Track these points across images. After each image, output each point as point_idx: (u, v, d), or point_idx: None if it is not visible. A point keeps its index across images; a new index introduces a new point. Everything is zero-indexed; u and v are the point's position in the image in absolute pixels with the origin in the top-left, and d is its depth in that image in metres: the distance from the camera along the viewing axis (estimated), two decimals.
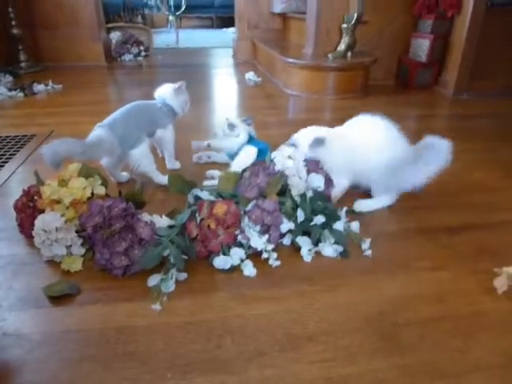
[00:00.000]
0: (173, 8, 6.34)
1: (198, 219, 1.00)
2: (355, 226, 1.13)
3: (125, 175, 1.38)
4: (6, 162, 1.56)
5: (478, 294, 0.91)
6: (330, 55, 2.62)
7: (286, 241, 1.07)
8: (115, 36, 3.90)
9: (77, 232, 0.98)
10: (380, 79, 2.92)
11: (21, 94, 2.54)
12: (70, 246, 0.97)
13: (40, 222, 0.97)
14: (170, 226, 1.01)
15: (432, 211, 1.25)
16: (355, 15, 2.51)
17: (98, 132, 1.20)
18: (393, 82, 3.01)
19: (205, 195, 1.05)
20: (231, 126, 1.43)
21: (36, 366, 0.72)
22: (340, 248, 1.04)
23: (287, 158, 1.14)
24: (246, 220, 1.01)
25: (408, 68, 2.86)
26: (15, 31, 3.21)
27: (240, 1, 3.72)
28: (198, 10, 7.57)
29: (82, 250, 0.99)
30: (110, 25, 4.02)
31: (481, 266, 0.99)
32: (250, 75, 3.09)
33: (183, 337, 0.79)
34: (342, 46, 2.61)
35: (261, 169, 1.11)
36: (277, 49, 3.07)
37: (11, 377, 0.71)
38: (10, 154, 1.64)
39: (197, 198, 1.07)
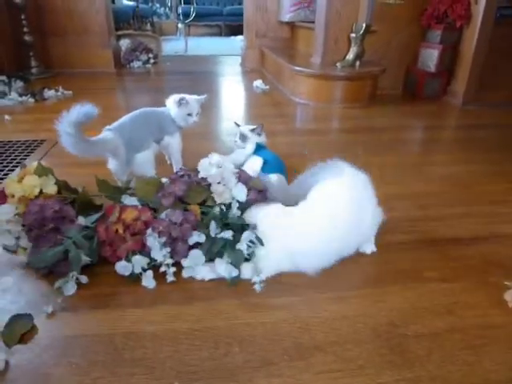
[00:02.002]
0: (182, 16, 6.40)
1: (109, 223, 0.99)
2: (263, 252, 0.99)
3: (132, 181, 1.38)
4: (17, 167, 1.57)
5: (487, 307, 0.90)
6: (338, 64, 2.63)
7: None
8: (125, 43, 3.96)
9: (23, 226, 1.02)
10: (388, 89, 2.93)
11: (31, 100, 2.57)
12: (19, 237, 1.00)
13: None
14: (87, 228, 1.00)
15: (440, 222, 1.24)
16: (364, 25, 2.53)
17: (105, 133, 1.23)
18: (400, 91, 3.02)
19: (131, 201, 1.04)
20: (243, 137, 1.43)
21: (44, 370, 0.73)
22: (235, 272, 0.96)
23: (212, 166, 1.10)
24: (149, 230, 0.97)
25: (416, 78, 2.86)
26: (27, 38, 3.27)
27: (249, 10, 3.76)
28: (206, 18, 7.66)
29: (30, 244, 1.01)
30: (119, 32, 4.08)
31: (490, 279, 0.99)
32: (258, 83, 3.11)
33: (190, 344, 0.79)
34: (350, 56, 2.63)
35: (179, 177, 1.07)
36: (285, 57, 3.09)
37: (20, 381, 0.71)
38: (21, 159, 1.65)
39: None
